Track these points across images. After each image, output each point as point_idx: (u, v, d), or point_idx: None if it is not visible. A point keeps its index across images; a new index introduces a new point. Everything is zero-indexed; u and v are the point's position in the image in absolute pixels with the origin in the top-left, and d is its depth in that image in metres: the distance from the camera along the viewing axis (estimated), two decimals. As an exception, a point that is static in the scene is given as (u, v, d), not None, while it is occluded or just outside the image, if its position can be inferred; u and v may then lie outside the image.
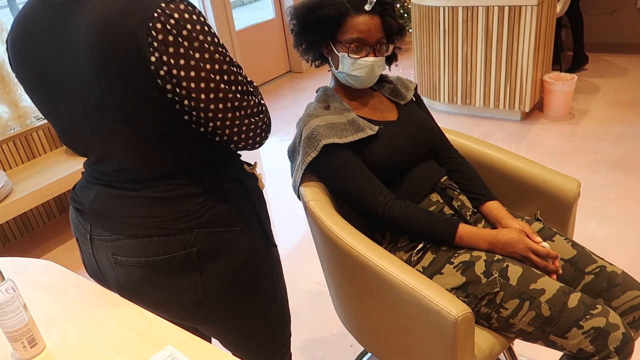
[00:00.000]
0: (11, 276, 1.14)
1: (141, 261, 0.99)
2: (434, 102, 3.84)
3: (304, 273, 2.33)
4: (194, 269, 1.01)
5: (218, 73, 0.89)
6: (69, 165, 2.78)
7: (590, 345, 1.11)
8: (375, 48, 1.31)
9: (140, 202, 0.98)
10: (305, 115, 1.37)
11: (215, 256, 1.03)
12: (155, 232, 0.97)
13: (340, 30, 1.31)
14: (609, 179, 2.75)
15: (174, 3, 0.84)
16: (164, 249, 0.98)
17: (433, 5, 3.43)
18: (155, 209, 0.97)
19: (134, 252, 0.99)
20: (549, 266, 1.22)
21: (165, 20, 0.82)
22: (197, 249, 1.00)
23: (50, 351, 0.92)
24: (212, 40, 0.87)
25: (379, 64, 1.33)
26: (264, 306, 1.17)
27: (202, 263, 1.02)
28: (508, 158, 1.52)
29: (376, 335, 1.33)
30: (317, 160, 1.31)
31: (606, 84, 4.01)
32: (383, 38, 1.32)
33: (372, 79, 1.36)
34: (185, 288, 1.03)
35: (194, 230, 0.99)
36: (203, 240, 1.00)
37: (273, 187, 3.10)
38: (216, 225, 1.02)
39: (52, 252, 2.75)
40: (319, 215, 1.27)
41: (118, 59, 0.82)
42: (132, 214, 0.98)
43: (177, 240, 0.98)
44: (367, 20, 1.28)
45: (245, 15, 8.30)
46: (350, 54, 1.30)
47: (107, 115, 0.89)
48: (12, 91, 2.78)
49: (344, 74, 1.34)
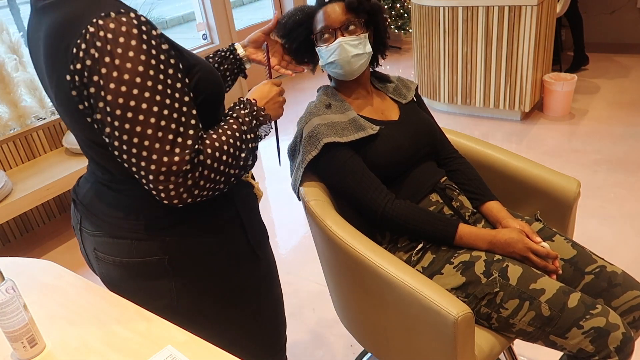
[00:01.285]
0: (11, 276, 1.14)
1: (116, 260, 1.01)
2: (434, 102, 3.84)
3: (304, 273, 2.33)
4: (168, 275, 1.01)
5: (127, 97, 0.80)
6: (69, 165, 2.78)
7: (590, 345, 1.11)
8: (342, 30, 1.32)
9: (119, 204, 0.99)
10: (306, 114, 1.37)
11: (190, 264, 1.02)
12: (128, 235, 0.99)
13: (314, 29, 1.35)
14: (609, 179, 2.75)
15: (107, 19, 0.79)
16: (136, 252, 0.99)
17: (433, 5, 3.43)
18: (130, 212, 0.99)
19: (111, 251, 1.01)
20: (549, 266, 1.22)
21: (90, 38, 0.79)
22: (169, 256, 0.99)
23: (50, 351, 0.92)
24: (135, 62, 0.80)
25: (349, 43, 1.31)
26: (246, 316, 1.14)
27: (176, 270, 1.01)
28: (508, 158, 1.52)
29: (376, 335, 1.33)
30: (318, 159, 1.31)
31: (606, 84, 4.01)
32: (350, 18, 1.31)
33: (351, 62, 1.33)
34: (160, 292, 1.03)
35: (165, 237, 0.99)
36: (175, 248, 1.00)
37: (273, 187, 3.10)
38: (188, 235, 1.00)
39: (52, 252, 2.75)
40: (319, 215, 1.27)
41: (58, 69, 0.84)
42: (111, 213, 1.00)
43: (148, 245, 0.99)
44: (327, 9, 1.32)
45: (245, 15, 8.30)
46: (318, 43, 1.34)
47: (65, 119, 0.94)
48: (12, 91, 2.78)
49: (325, 67, 1.37)
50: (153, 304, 1.03)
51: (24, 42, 2.92)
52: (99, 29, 0.79)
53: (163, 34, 0.86)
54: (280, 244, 2.58)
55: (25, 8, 4.87)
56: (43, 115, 2.96)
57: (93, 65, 0.79)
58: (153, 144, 0.82)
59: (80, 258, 2.66)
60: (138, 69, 0.80)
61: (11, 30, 2.85)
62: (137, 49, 0.80)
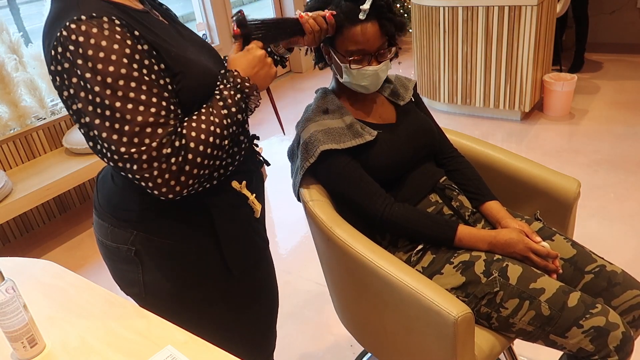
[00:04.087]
0: (11, 276, 1.14)
1: (100, 240, 1.07)
2: (434, 102, 3.84)
3: (304, 273, 2.33)
4: (136, 266, 1.04)
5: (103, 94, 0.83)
6: (69, 165, 2.78)
7: (590, 345, 1.11)
8: (377, 55, 1.27)
9: (110, 188, 1.05)
10: (303, 120, 1.36)
11: (157, 262, 1.03)
12: (107, 219, 1.03)
13: (338, 40, 1.27)
14: (609, 179, 2.75)
15: (79, 23, 0.82)
16: (111, 237, 1.04)
17: (433, 5, 3.43)
18: (114, 197, 1.03)
19: (98, 230, 1.07)
20: (549, 266, 1.22)
21: (64, 42, 0.83)
22: (136, 249, 1.02)
23: (50, 351, 0.92)
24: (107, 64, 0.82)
25: (383, 70, 1.29)
26: (220, 327, 1.11)
27: (144, 264, 1.03)
28: (508, 158, 1.52)
29: (376, 335, 1.33)
30: (316, 166, 1.31)
31: (606, 84, 4.01)
32: (384, 43, 1.27)
33: (378, 84, 1.32)
34: (131, 280, 1.07)
35: (133, 230, 1.01)
36: (142, 243, 1.01)
37: (273, 187, 3.10)
38: (155, 234, 1.01)
39: (52, 252, 2.75)
40: (319, 216, 1.27)
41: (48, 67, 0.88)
42: (103, 194, 1.05)
43: (120, 233, 1.02)
44: (364, 29, 1.23)
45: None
46: (351, 65, 1.27)
47: None
48: (12, 91, 2.78)
49: (349, 83, 1.32)
50: (127, 289, 1.09)
51: (23, 42, 2.92)
52: (71, 33, 0.82)
53: (143, 36, 0.87)
54: (280, 244, 2.58)
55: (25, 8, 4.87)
56: (43, 115, 2.96)
57: (70, 68, 0.83)
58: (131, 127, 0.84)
59: (80, 258, 2.66)
60: (109, 69, 0.82)
61: (11, 30, 2.85)
62: (109, 51, 0.82)
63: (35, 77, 2.92)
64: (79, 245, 2.78)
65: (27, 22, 4.08)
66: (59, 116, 3.00)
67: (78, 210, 3.13)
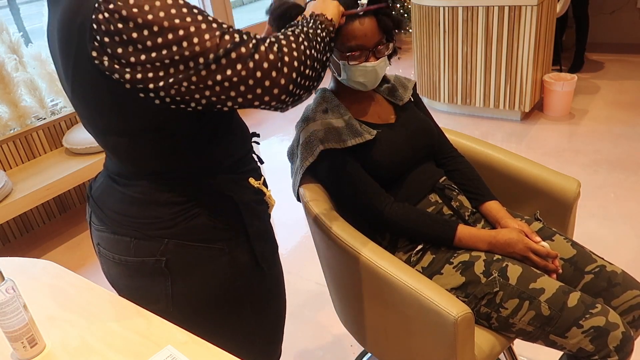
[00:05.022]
0: (11, 276, 1.14)
1: (116, 257, 1.01)
2: (434, 102, 3.84)
3: (304, 273, 2.33)
4: (164, 278, 1.00)
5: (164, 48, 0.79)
6: (69, 165, 2.78)
7: (590, 345, 1.11)
8: (375, 51, 1.27)
9: (124, 199, 0.99)
10: (302, 120, 1.36)
11: (189, 270, 1.00)
12: (127, 232, 0.98)
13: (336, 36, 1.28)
14: (609, 179, 2.75)
15: None
16: (135, 251, 0.98)
17: (433, 5, 3.43)
18: (133, 208, 0.98)
19: (111, 247, 1.01)
20: (549, 265, 1.22)
21: (104, 9, 0.78)
22: (167, 259, 0.98)
23: (50, 351, 0.92)
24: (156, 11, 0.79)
25: (381, 66, 1.29)
26: (243, 332, 1.11)
27: (174, 274, 1.00)
28: (508, 158, 1.52)
29: (376, 335, 1.33)
30: (315, 166, 1.31)
31: (606, 84, 4.01)
32: (382, 39, 1.28)
33: (376, 81, 1.32)
34: (156, 295, 1.02)
35: (164, 239, 0.97)
36: (173, 252, 0.98)
37: (273, 187, 3.10)
38: (189, 239, 0.99)
39: (52, 252, 2.75)
40: (319, 216, 1.28)
41: (76, 52, 0.83)
42: (115, 209, 1.00)
43: (147, 245, 0.98)
44: (362, 24, 1.23)
45: (245, 16, 8.30)
46: (350, 61, 1.27)
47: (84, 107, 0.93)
48: (12, 91, 2.78)
49: (346, 80, 1.32)
50: (148, 307, 1.03)
51: (23, 42, 2.92)
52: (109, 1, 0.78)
53: None
54: (280, 244, 2.56)
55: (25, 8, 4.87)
56: (43, 115, 2.96)
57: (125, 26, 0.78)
58: (211, 34, 0.80)
59: (80, 258, 2.66)
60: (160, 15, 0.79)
61: (11, 30, 2.85)
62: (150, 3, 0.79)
63: (35, 77, 2.92)
64: (79, 245, 2.78)
65: (27, 22, 4.07)
66: (59, 116, 3.00)
67: (78, 210, 3.13)
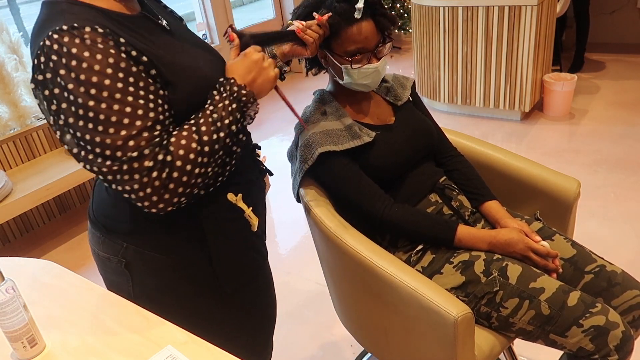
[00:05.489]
0: (11, 276, 1.14)
1: (95, 251, 1.06)
2: (434, 102, 3.84)
3: (304, 273, 2.33)
4: (126, 278, 1.03)
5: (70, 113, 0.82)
6: (69, 165, 2.78)
7: (590, 344, 1.11)
8: (376, 52, 1.28)
9: (103, 196, 1.03)
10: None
11: (148, 275, 1.02)
12: (99, 229, 1.03)
13: (335, 43, 1.27)
14: (609, 179, 2.75)
15: (60, 33, 0.80)
16: (103, 247, 1.03)
17: (433, 5, 3.43)
18: (106, 207, 1.02)
19: (91, 239, 1.07)
20: (549, 265, 1.22)
21: (47, 50, 0.81)
22: (126, 261, 1.01)
23: (50, 351, 0.92)
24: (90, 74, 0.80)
25: (382, 66, 1.30)
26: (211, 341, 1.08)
27: (134, 276, 1.02)
28: (508, 158, 1.52)
29: (376, 335, 1.33)
30: (314, 168, 1.30)
31: (606, 84, 4.01)
32: (380, 39, 1.29)
33: (378, 81, 1.33)
34: (123, 291, 1.05)
35: (123, 243, 1.00)
36: (132, 256, 1.01)
37: (273, 187, 3.10)
38: (146, 248, 1.00)
39: (52, 252, 2.75)
40: (319, 216, 1.27)
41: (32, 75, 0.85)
42: (98, 203, 1.04)
43: (111, 245, 1.02)
44: (361, 28, 1.24)
45: (245, 16, 8.30)
46: (352, 65, 1.27)
47: None
48: (12, 91, 2.78)
49: (350, 84, 1.32)
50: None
51: (23, 42, 2.92)
52: (54, 43, 0.80)
53: (131, 43, 0.84)
54: (280, 244, 2.58)
55: (25, 8, 4.87)
56: (43, 115, 2.96)
57: (53, 78, 0.81)
58: (113, 140, 0.81)
59: (80, 258, 2.66)
60: (92, 80, 0.80)
61: (11, 30, 2.85)
62: (91, 62, 0.80)
63: (35, 77, 2.92)
64: (79, 245, 2.78)
65: (27, 22, 4.07)
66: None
67: (78, 210, 3.13)
